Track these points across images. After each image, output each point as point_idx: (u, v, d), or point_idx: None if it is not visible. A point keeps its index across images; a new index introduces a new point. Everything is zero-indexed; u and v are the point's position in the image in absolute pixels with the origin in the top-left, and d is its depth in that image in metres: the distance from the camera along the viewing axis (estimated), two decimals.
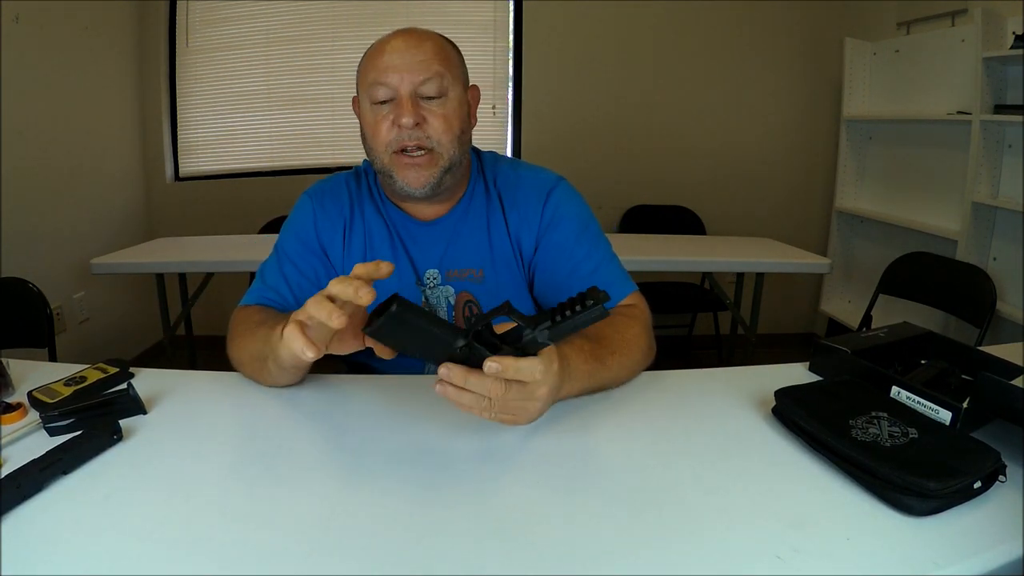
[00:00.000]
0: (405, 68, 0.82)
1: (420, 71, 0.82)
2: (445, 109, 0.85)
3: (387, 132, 0.84)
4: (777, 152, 3.04)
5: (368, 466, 0.66)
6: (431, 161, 0.85)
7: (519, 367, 0.60)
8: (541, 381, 0.63)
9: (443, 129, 0.84)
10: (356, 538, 0.55)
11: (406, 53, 0.83)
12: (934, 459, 0.60)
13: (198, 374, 0.89)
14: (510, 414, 0.64)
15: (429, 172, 0.85)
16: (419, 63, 0.83)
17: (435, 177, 0.86)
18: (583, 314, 0.57)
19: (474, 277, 0.94)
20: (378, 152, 0.86)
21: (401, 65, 0.82)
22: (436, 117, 0.84)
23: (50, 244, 2.31)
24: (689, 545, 0.54)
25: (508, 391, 0.61)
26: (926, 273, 1.84)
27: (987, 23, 2.05)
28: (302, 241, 0.94)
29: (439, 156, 0.85)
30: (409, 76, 0.82)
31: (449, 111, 0.85)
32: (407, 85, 0.83)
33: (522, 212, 0.94)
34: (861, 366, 0.83)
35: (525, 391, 0.63)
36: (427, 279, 0.94)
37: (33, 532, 0.54)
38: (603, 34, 2.89)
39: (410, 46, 0.83)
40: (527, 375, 0.61)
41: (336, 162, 2.96)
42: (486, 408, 0.62)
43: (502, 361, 0.59)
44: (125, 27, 2.74)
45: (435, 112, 0.84)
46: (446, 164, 0.86)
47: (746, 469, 0.66)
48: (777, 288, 2.80)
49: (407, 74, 0.82)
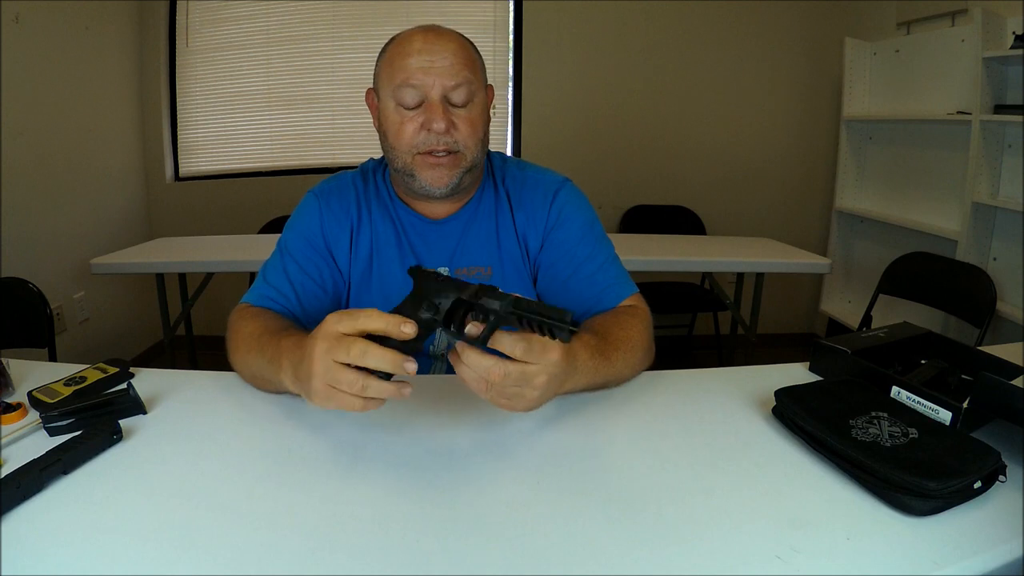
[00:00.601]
0: (436, 72, 0.82)
1: (450, 76, 0.82)
2: (472, 113, 0.85)
3: (414, 134, 0.84)
4: (777, 152, 3.04)
5: (368, 465, 0.66)
6: (455, 162, 0.86)
7: (500, 338, 0.59)
8: (539, 369, 0.61)
9: (470, 133, 0.85)
10: (356, 538, 0.55)
11: (435, 56, 0.82)
12: (934, 459, 0.60)
13: (198, 374, 0.89)
14: (506, 398, 0.63)
15: (452, 172, 0.86)
16: (449, 67, 0.82)
17: (457, 177, 0.87)
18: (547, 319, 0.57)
19: (482, 275, 0.94)
20: (400, 152, 0.86)
21: (431, 68, 0.82)
22: (464, 121, 0.85)
23: (50, 244, 2.31)
24: (689, 545, 0.54)
25: (507, 377, 0.60)
26: (926, 273, 1.84)
27: (987, 23, 2.05)
28: (307, 240, 0.93)
29: (462, 157, 0.86)
30: (440, 81, 0.82)
31: (475, 115, 0.86)
32: (437, 90, 0.82)
33: (529, 211, 0.95)
34: (861, 366, 0.83)
35: (523, 376, 0.61)
36: None
37: (33, 532, 0.54)
38: (603, 34, 2.89)
39: (438, 48, 0.83)
40: (507, 348, 0.59)
41: (336, 162, 2.96)
42: (484, 389, 0.61)
43: (482, 328, 0.59)
44: (125, 27, 2.74)
45: (463, 116, 0.85)
46: (468, 165, 0.87)
47: (746, 469, 0.66)
48: (777, 288, 2.80)
49: (438, 79, 0.82)
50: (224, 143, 3.01)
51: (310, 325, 0.91)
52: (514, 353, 0.59)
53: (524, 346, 0.59)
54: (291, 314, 0.90)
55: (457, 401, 0.78)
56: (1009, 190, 2.11)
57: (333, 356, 0.59)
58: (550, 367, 0.62)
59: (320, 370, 0.59)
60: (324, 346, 0.59)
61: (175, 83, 2.94)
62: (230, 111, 2.97)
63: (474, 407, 0.77)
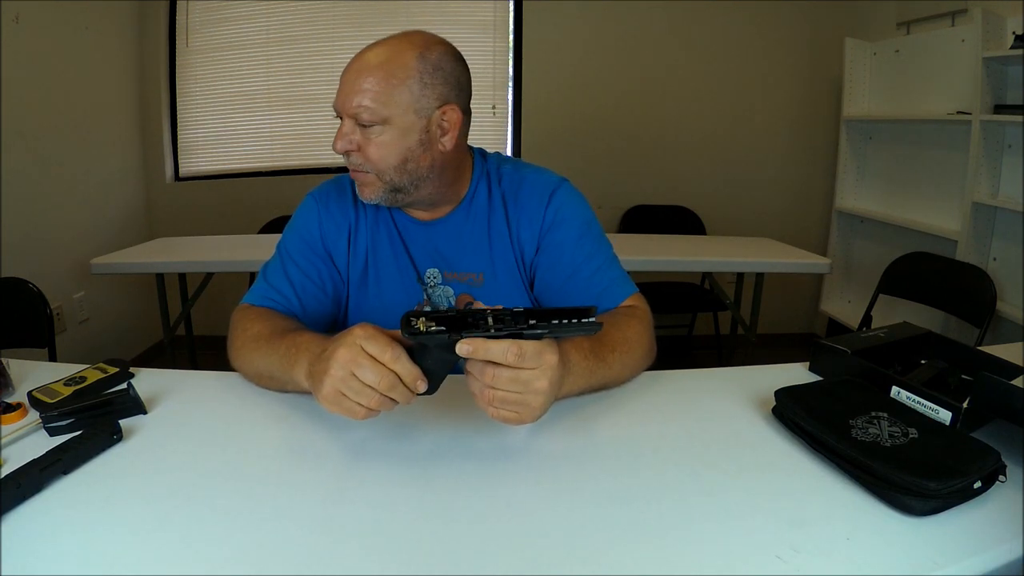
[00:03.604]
0: (345, 92, 0.81)
1: (353, 99, 0.81)
2: (382, 138, 0.82)
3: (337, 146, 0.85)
4: (777, 152, 3.04)
5: (368, 465, 0.66)
6: (370, 180, 0.86)
7: (488, 347, 0.59)
8: (539, 373, 0.61)
9: (378, 157, 0.83)
10: (356, 538, 0.55)
11: (350, 75, 0.82)
12: (934, 459, 0.60)
13: (198, 374, 0.89)
14: (512, 410, 0.62)
15: (373, 188, 0.86)
16: (356, 91, 0.80)
17: (380, 194, 0.86)
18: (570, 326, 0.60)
19: (474, 281, 0.94)
20: None
21: (344, 88, 0.82)
22: (371, 145, 0.83)
23: (50, 244, 2.31)
24: (689, 545, 0.54)
25: (498, 379, 0.60)
26: (926, 273, 1.85)
27: (987, 23, 2.05)
28: (306, 243, 0.94)
29: (376, 178, 0.85)
30: (347, 101, 0.81)
31: (387, 140, 0.82)
32: (346, 110, 0.82)
33: (525, 213, 0.94)
34: (861, 366, 0.83)
35: (520, 381, 0.61)
36: (427, 278, 0.94)
37: (33, 532, 0.54)
38: (603, 34, 2.89)
39: (355, 68, 0.82)
40: (498, 355, 0.59)
41: (336, 162, 2.96)
42: (489, 401, 0.61)
43: (472, 341, 0.59)
44: (125, 27, 2.74)
45: (371, 140, 0.83)
46: (392, 185, 0.85)
47: (746, 469, 0.66)
48: (777, 288, 2.80)
49: (345, 98, 0.81)
50: (224, 143, 3.01)
51: (311, 326, 0.91)
52: (506, 360, 0.59)
53: (516, 351, 0.59)
54: (292, 315, 0.90)
55: (457, 401, 0.78)
56: (1009, 190, 2.11)
57: (355, 370, 0.61)
58: (549, 371, 0.62)
59: (337, 376, 0.61)
60: (349, 356, 0.61)
61: (175, 83, 2.93)
62: (230, 111, 2.97)
63: (474, 407, 0.77)
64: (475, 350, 0.59)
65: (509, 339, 0.59)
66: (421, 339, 0.59)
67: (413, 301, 0.94)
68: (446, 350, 0.60)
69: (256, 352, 0.80)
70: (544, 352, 0.61)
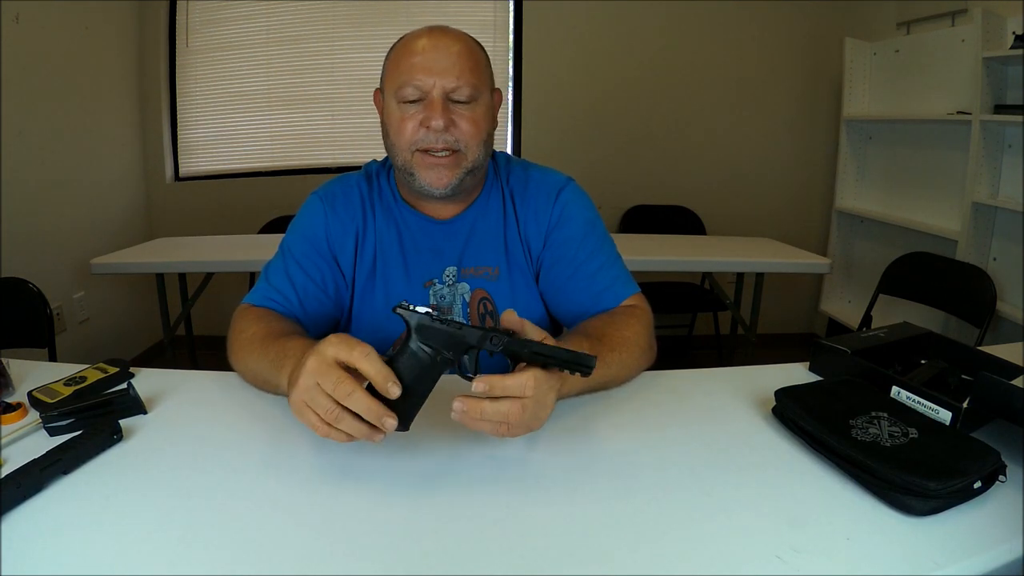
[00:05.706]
0: (438, 71, 0.82)
1: (452, 76, 0.82)
2: (474, 113, 0.85)
3: (413, 132, 0.84)
4: (777, 152, 3.04)
5: (368, 465, 0.66)
6: (455, 162, 0.86)
7: (506, 385, 0.60)
8: (546, 389, 0.62)
9: (472, 132, 0.85)
10: (356, 537, 0.55)
11: (438, 55, 0.83)
12: (934, 459, 0.60)
13: (198, 374, 0.89)
14: (524, 427, 0.63)
15: (452, 172, 0.86)
16: (451, 67, 0.82)
17: (457, 178, 0.86)
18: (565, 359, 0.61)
19: (489, 275, 0.95)
20: (400, 149, 0.86)
21: (434, 67, 0.82)
22: (465, 120, 0.84)
23: (50, 244, 2.31)
24: (689, 545, 0.54)
25: (525, 411, 0.60)
26: (926, 273, 1.85)
27: (987, 23, 2.05)
28: (310, 243, 0.93)
29: (463, 157, 0.86)
30: (441, 80, 0.82)
31: (478, 115, 0.85)
32: (439, 89, 0.82)
33: (532, 211, 0.95)
34: (861, 366, 0.83)
35: (537, 405, 0.62)
36: (445, 276, 0.94)
37: (33, 532, 0.54)
38: (603, 34, 2.89)
39: (442, 48, 0.83)
40: (516, 391, 0.60)
41: (336, 162, 2.96)
42: (504, 432, 0.62)
43: (489, 380, 0.59)
44: (125, 27, 2.74)
45: (464, 115, 0.84)
46: (470, 166, 0.87)
47: (746, 469, 0.66)
48: (777, 288, 2.80)
49: (439, 78, 0.82)
50: (224, 143, 3.01)
51: (311, 327, 0.91)
52: (525, 393, 0.60)
53: (533, 383, 0.60)
54: (293, 316, 0.90)
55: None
56: (1009, 190, 2.11)
57: (318, 379, 0.58)
58: (556, 384, 0.64)
59: (303, 386, 0.59)
60: (314, 366, 0.59)
61: (175, 83, 2.93)
62: (230, 111, 2.97)
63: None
64: (492, 388, 0.59)
65: (525, 373, 0.60)
66: (405, 316, 0.61)
67: (420, 303, 0.94)
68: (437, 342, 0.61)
69: (251, 354, 0.80)
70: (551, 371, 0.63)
